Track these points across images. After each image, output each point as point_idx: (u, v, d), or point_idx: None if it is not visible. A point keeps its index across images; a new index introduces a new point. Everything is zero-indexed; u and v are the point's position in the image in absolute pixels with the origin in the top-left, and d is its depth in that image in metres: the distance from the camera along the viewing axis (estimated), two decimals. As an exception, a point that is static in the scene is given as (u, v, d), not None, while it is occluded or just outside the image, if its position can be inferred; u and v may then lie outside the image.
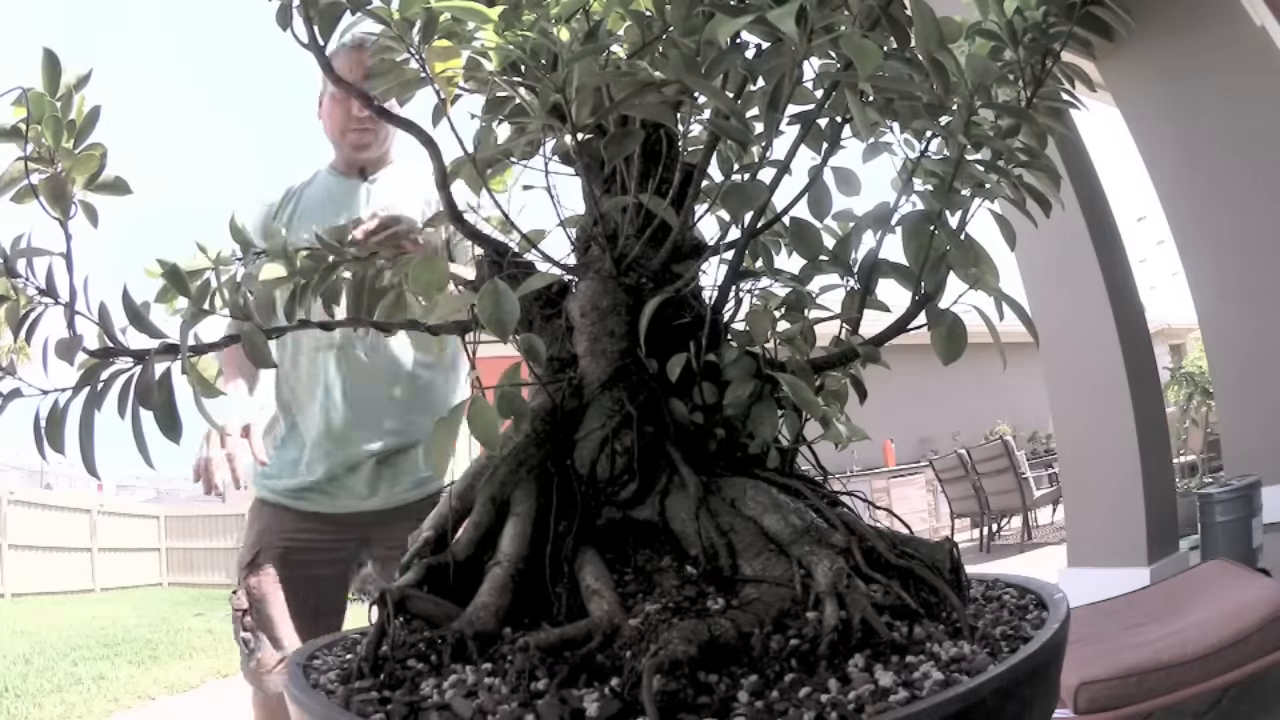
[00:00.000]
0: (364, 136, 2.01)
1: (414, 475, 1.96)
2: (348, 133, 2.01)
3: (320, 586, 1.95)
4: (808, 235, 0.82)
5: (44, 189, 0.76)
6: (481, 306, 0.64)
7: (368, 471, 1.93)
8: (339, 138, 2.03)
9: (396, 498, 1.94)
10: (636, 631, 0.56)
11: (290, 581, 1.93)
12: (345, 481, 1.94)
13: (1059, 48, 0.82)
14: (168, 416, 0.73)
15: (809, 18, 0.59)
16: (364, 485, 1.94)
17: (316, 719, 0.52)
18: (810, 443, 0.79)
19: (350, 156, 2.06)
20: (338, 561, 1.97)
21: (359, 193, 2.03)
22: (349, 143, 2.02)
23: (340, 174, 2.08)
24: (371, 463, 1.93)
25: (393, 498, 1.94)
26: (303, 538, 1.95)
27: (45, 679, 5.72)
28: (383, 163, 2.08)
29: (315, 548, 1.96)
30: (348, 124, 2.00)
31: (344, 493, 1.94)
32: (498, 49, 0.67)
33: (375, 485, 1.94)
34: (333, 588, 1.98)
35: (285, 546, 1.94)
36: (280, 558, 1.93)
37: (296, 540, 1.95)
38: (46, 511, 12.68)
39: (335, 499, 1.95)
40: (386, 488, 1.94)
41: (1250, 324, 5.05)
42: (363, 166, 2.06)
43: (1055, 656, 0.55)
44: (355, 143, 2.02)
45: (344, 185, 2.05)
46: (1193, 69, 5.05)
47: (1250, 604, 2.21)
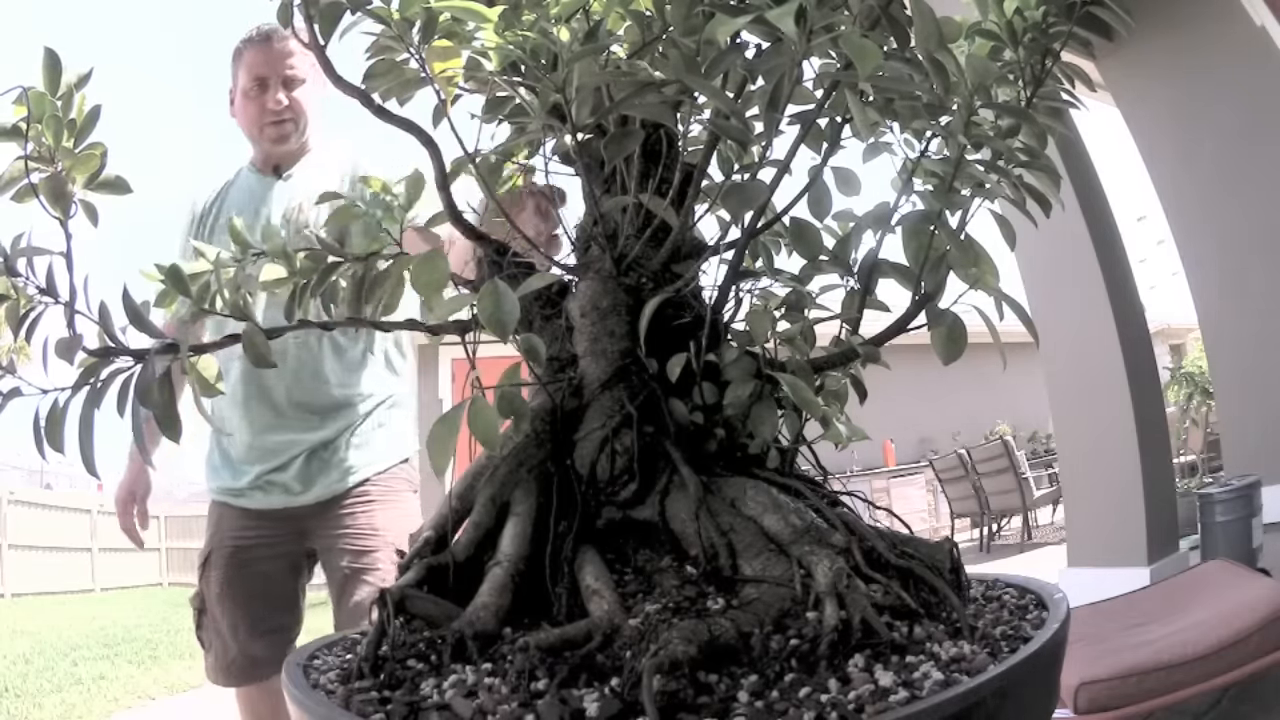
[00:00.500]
0: (281, 129, 2.00)
1: (341, 466, 1.98)
2: (264, 128, 1.99)
3: (269, 583, 1.98)
4: (808, 235, 0.82)
5: (44, 188, 0.76)
6: (481, 306, 0.64)
7: (297, 468, 1.96)
8: (256, 134, 2.02)
9: (329, 489, 1.97)
10: (636, 631, 0.56)
11: (240, 579, 1.97)
12: (277, 479, 1.97)
13: (1059, 48, 0.82)
14: (168, 416, 0.73)
15: (809, 17, 0.59)
16: (296, 481, 1.96)
17: (316, 719, 0.52)
18: (810, 443, 0.78)
19: (269, 151, 2.04)
20: (281, 556, 2.00)
21: (273, 191, 2.03)
22: (267, 138, 2.00)
23: (258, 171, 2.08)
24: (300, 459, 1.96)
25: (326, 489, 1.96)
26: (248, 535, 1.99)
27: (45, 679, 5.71)
28: (300, 154, 2.06)
29: (259, 544, 1.98)
30: (263, 119, 1.99)
31: (277, 490, 1.97)
32: (498, 49, 0.67)
33: (307, 480, 1.97)
34: (281, 582, 2.00)
35: (233, 545, 1.98)
36: (229, 556, 1.98)
37: (242, 538, 1.99)
38: (46, 511, 12.68)
39: (270, 496, 1.98)
40: (319, 481, 1.97)
41: (1250, 324, 5.05)
42: (278, 163, 2.05)
43: (1055, 656, 0.55)
44: (273, 137, 2.00)
45: (261, 183, 2.05)
46: (1193, 68, 5.05)
47: (1250, 604, 2.21)
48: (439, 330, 0.85)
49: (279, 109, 1.98)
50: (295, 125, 2.01)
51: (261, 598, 1.97)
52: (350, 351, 2.01)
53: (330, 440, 1.98)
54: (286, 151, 2.04)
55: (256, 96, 1.99)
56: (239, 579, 1.97)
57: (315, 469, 1.97)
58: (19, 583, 11.27)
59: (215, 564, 1.99)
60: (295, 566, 2.03)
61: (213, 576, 1.99)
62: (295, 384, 1.96)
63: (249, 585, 1.97)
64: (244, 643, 1.96)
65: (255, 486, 1.99)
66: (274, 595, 1.99)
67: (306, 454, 1.97)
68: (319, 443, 1.97)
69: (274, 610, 1.99)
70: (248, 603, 1.96)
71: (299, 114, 2.01)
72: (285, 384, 1.96)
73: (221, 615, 1.97)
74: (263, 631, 1.97)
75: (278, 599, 2.00)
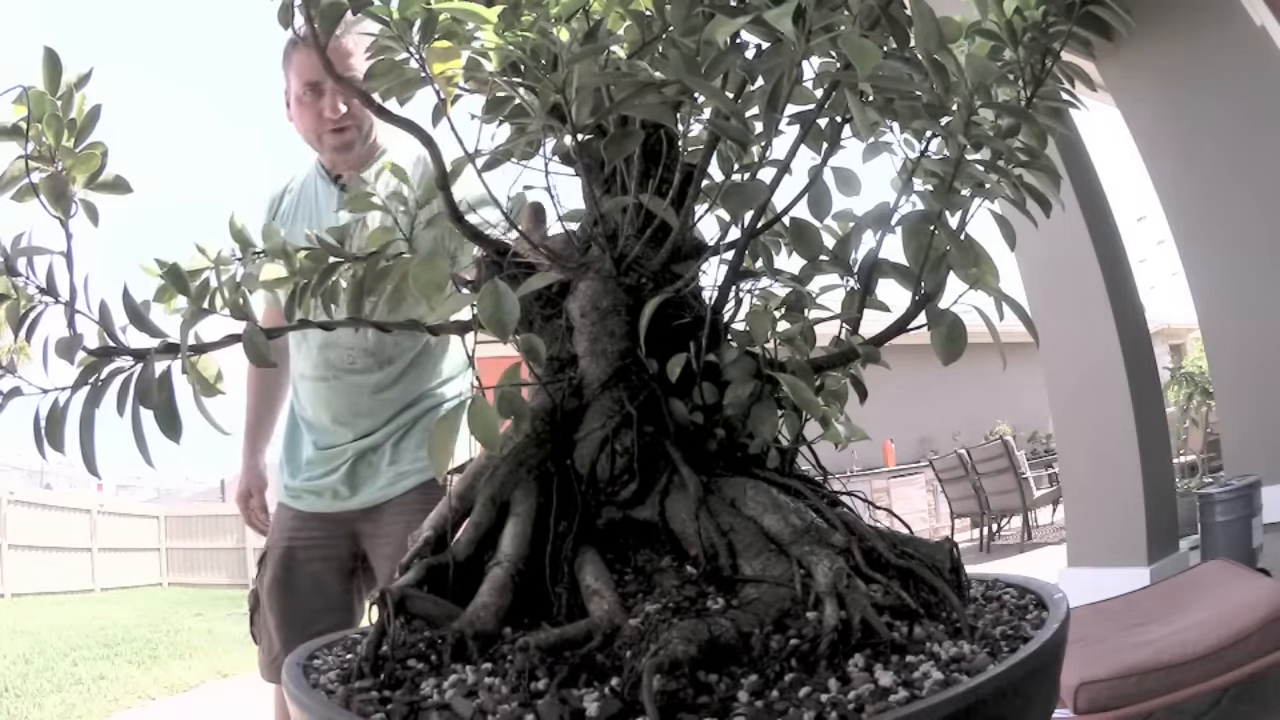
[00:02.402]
0: (343, 137, 1.88)
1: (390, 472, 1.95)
2: (323, 135, 1.89)
3: (317, 584, 1.97)
4: (808, 235, 0.82)
5: (44, 187, 0.76)
6: (481, 307, 0.64)
7: (344, 471, 1.95)
8: (316, 142, 1.93)
9: (376, 495, 1.95)
10: (636, 631, 0.56)
11: (292, 581, 1.96)
12: (326, 482, 1.97)
13: (1059, 47, 0.82)
14: (167, 416, 0.73)
15: (807, 17, 0.59)
16: (343, 485, 1.95)
17: (317, 719, 0.52)
18: (810, 443, 0.78)
19: (334, 158, 1.95)
20: (332, 559, 1.99)
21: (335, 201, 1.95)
22: (327, 145, 1.91)
23: (325, 175, 2.00)
24: (348, 463, 1.95)
25: (372, 495, 1.95)
26: (301, 536, 1.99)
27: (45, 679, 5.71)
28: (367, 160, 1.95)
29: (311, 545, 1.98)
30: (320, 126, 1.88)
31: (328, 492, 1.97)
32: (497, 49, 0.67)
33: (354, 484, 1.95)
34: (330, 584, 1.99)
35: (285, 545, 1.98)
36: (282, 557, 1.97)
37: (295, 539, 1.99)
38: (46, 511, 12.68)
39: (322, 498, 1.98)
40: (366, 487, 1.95)
41: (1250, 324, 5.06)
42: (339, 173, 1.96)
43: (1055, 656, 0.55)
44: (334, 145, 1.90)
45: (326, 193, 1.98)
46: (1193, 69, 5.05)
47: (1250, 604, 2.21)
48: (439, 330, 0.85)
49: (336, 116, 1.84)
50: (358, 130, 1.88)
51: (310, 599, 1.97)
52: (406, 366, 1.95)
53: (378, 446, 1.95)
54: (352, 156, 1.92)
55: (312, 103, 1.84)
56: (289, 579, 1.97)
57: (363, 474, 1.95)
58: (19, 583, 11.27)
59: (269, 562, 2.00)
60: (346, 570, 2.01)
61: (266, 575, 2.00)
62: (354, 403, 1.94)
63: (298, 585, 1.97)
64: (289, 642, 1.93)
65: (306, 489, 1.99)
66: (323, 597, 1.98)
67: (354, 458, 1.95)
68: (366, 448, 1.95)
69: (323, 612, 1.96)
70: (296, 602, 1.96)
71: (361, 119, 1.87)
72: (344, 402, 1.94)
73: (271, 614, 1.98)
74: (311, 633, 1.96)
75: (327, 601, 1.98)
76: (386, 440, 1.95)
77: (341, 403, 1.95)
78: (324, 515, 1.98)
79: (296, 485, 2.01)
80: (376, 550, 1.97)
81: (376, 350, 1.90)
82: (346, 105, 1.83)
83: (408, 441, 1.96)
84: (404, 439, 1.96)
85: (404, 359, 1.93)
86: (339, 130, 1.86)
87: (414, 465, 1.94)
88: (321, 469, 1.98)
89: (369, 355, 1.90)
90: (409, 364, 1.95)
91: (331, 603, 1.99)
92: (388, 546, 1.92)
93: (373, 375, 1.92)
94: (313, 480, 1.99)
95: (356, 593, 2.04)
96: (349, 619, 2.02)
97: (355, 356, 1.90)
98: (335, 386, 1.94)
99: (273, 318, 1.87)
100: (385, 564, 1.92)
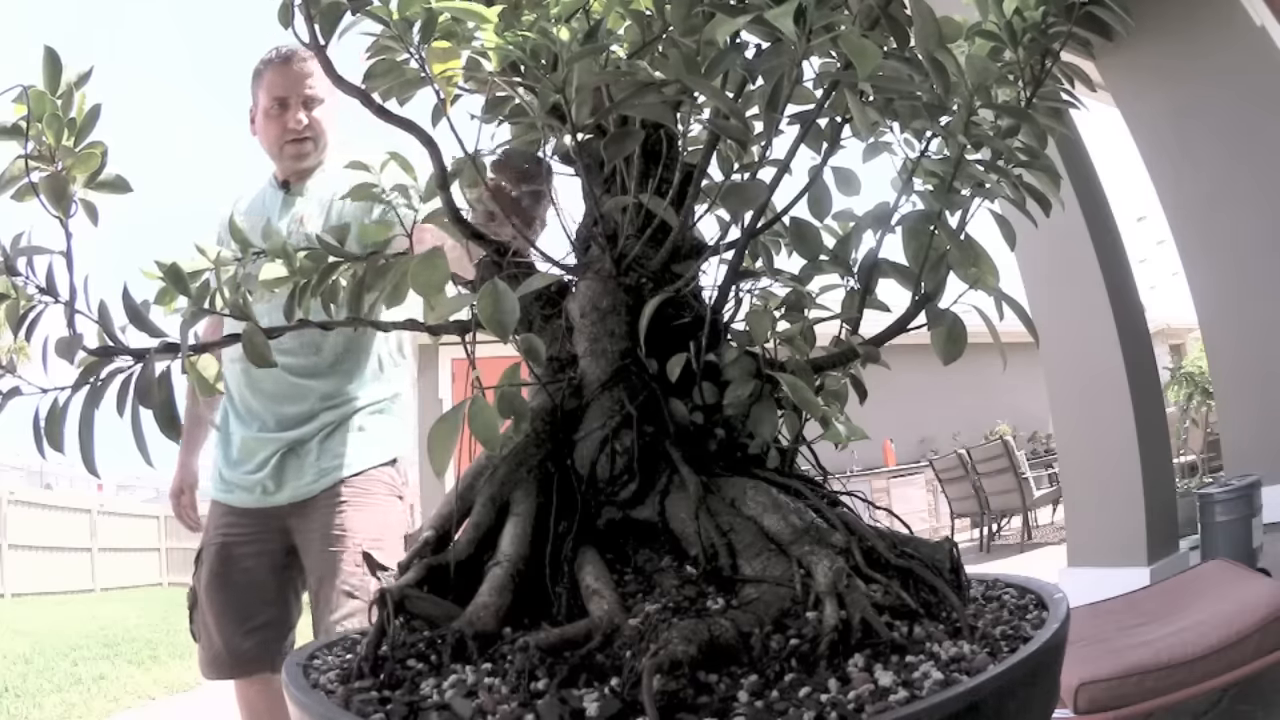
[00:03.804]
0: (301, 147, 2.08)
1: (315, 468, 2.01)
2: (284, 146, 2.07)
3: (251, 579, 2.02)
4: (808, 235, 0.82)
5: (44, 187, 0.76)
6: (481, 307, 0.64)
7: (271, 467, 2.00)
8: (277, 152, 2.10)
9: (302, 490, 2.00)
10: (636, 631, 0.56)
11: (225, 575, 2.02)
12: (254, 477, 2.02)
13: (1058, 48, 0.82)
14: (167, 415, 0.73)
15: (808, 17, 0.59)
16: (270, 480, 2.01)
17: (316, 719, 0.52)
18: (810, 443, 0.78)
19: (290, 167, 2.12)
20: (265, 554, 2.03)
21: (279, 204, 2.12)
22: (287, 155, 2.09)
23: (275, 183, 2.16)
24: (275, 459, 2.00)
25: (298, 490, 2.00)
26: (235, 532, 2.04)
27: (45, 679, 5.71)
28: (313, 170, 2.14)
29: (244, 541, 2.03)
30: (283, 137, 2.07)
31: (258, 488, 2.02)
32: (497, 49, 0.67)
33: (280, 480, 2.01)
34: (264, 579, 2.03)
35: (220, 541, 2.04)
36: (217, 553, 2.03)
37: (230, 535, 2.04)
38: (46, 511, 12.67)
39: (252, 494, 2.03)
40: (291, 482, 2.01)
41: (1250, 324, 5.06)
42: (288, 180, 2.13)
43: (1055, 656, 0.55)
44: (293, 154, 2.08)
45: (273, 195, 2.14)
46: (1192, 69, 5.05)
47: (1250, 604, 2.21)
48: (439, 330, 0.85)
49: (299, 128, 2.06)
50: (315, 144, 2.09)
51: (245, 594, 2.02)
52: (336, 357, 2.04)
53: (305, 441, 2.02)
54: (304, 168, 2.12)
55: (277, 116, 2.07)
56: (224, 574, 2.02)
57: (290, 469, 2.01)
58: (19, 583, 11.27)
59: (205, 559, 2.05)
60: (279, 565, 2.06)
61: (203, 571, 2.05)
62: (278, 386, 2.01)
63: (233, 580, 2.01)
64: (228, 637, 2.00)
65: (238, 484, 2.04)
66: (258, 592, 2.03)
67: (281, 454, 2.01)
68: (294, 441, 2.01)
69: (259, 607, 2.02)
70: (232, 598, 2.01)
71: (318, 133, 2.10)
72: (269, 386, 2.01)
73: (208, 610, 2.02)
74: (249, 629, 2.02)
75: (262, 596, 2.03)
76: (314, 437, 2.02)
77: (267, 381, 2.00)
78: (255, 510, 2.03)
79: (229, 479, 2.06)
80: (306, 545, 2.01)
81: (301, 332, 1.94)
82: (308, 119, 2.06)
83: (332, 439, 2.02)
84: (330, 437, 2.02)
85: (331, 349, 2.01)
86: (299, 141, 2.07)
87: (336, 461, 2.01)
88: (250, 464, 2.03)
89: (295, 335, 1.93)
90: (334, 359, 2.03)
91: (266, 597, 2.03)
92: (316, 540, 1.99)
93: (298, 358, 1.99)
94: (243, 475, 2.04)
95: (291, 586, 2.09)
96: (285, 614, 2.07)
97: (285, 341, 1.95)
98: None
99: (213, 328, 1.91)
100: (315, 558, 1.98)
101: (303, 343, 1.97)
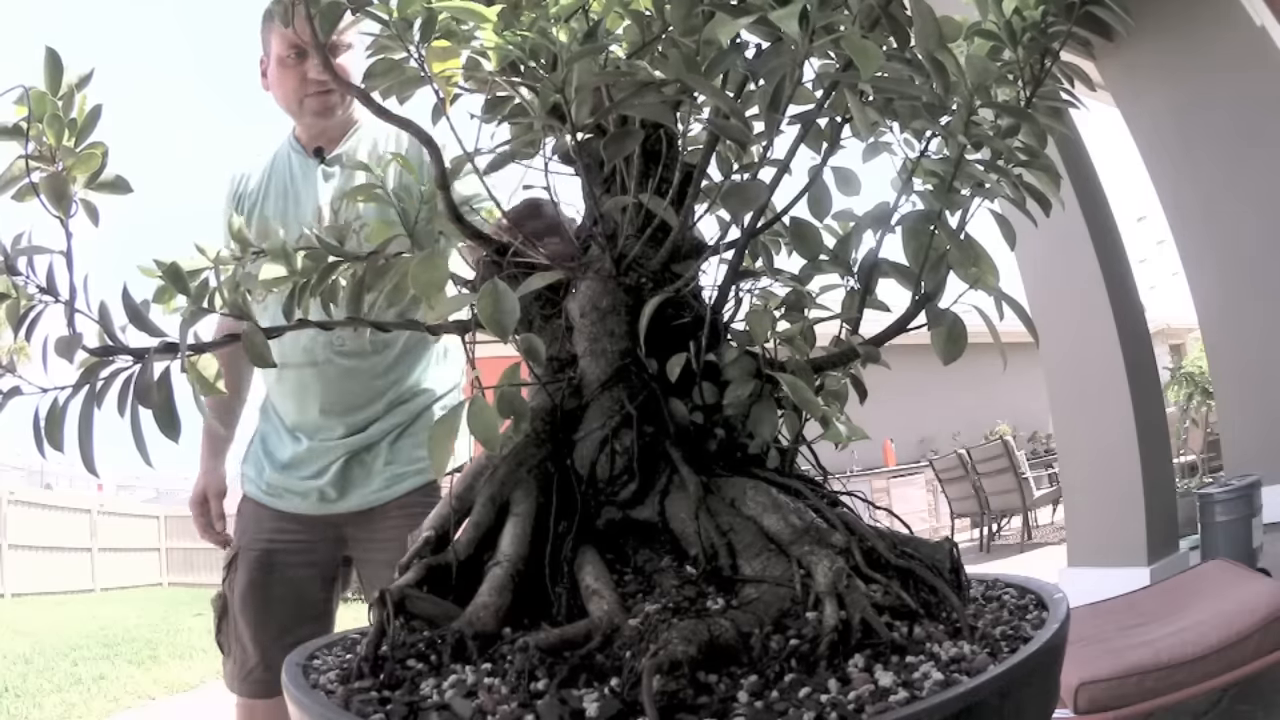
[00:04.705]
0: (326, 100, 1.79)
1: (385, 474, 1.83)
2: (305, 100, 1.79)
3: (298, 591, 1.85)
4: (808, 235, 0.82)
5: (45, 187, 0.76)
6: (481, 307, 0.64)
7: (334, 473, 1.82)
8: (296, 108, 1.82)
9: (370, 497, 1.83)
10: (636, 631, 0.56)
11: (267, 585, 1.83)
12: (313, 484, 1.84)
13: (1058, 47, 0.82)
14: (167, 415, 0.73)
15: (810, 18, 0.59)
16: (332, 488, 1.83)
17: (316, 719, 0.52)
18: (810, 443, 0.78)
19: (311, 125, 1.85)
20: (315, 564, 1.87)
21: (315, 178, 1.83)
22: (309, 111, 1.80)
23: (301, 149, 1.88)
24: (339, 464, 1.82)
25: (365, 499, 1.83)
26: (282, 539, 1.85)
27: (45, 679, 5.71)
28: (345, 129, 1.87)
29: (292, 549, 1.85)
30: (303, 90, 1.77)
31: (315, 494, 1.84)
32: (497, 49, 0.67)
33: (344, 487, 1.83)
34: (312, 592, 1.87)
35: (262, 547, 1.85)
36: (258, 560, 1.84)
37: (275, 541, 1.85)
38: (46, 511, 12.68)
39: (307, 499, 1.84)
40: (358, 489, 1.83)
41: (1250, 324, 5.06)
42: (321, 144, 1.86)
43: (1055, 656, 0.55)
44: (316, 109, 1.80)
45: (303, 166, 1.86)
46: (1192, 68, 5.05)
47: (1250, 604, 2.21)
48: (439, 330, 0.85)
49: (320, 78, 1.75)
50: (341, 95, 1.79)
51: (288, 606, 1.83)
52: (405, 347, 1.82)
53: (373, 444, 1.82)
54: (330, 125, 1.84)
55: (295, 65, 1.75)
56: (266, 584, 1.82)
57: (355, 476, 1.82)
58: (19, 583, 11.27)
59: (242, 565, 1.84)
60: (328, 577, 1.88)
61: (238, 579, 1.84)
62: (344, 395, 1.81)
63: (276, 592, 1.82)
64: (265, 650, 1.80)
65: (289, 489, 1.85)
66: (303, 605, 1.84)
67: (345, 459, 1.81)
68: (360, 446, 1.81)
69: (301, 621, 1.83)
70: (273, 611, 1.82)
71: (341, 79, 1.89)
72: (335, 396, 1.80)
73: (244, 622, 1.82)
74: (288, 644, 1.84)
75: (306, 609, 1.85)
76: (382, 438, 1.82)
77: (331, 391, 1.80)
78: (307, 517, 1.84)
79: (277, 484, 1.86)
80: (367, 556, 1.85)
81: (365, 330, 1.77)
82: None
83: (404, 440, 1.84)
84: (400, 437, 1.84)
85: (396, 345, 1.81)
86: (323, 94, 1.78)
87: (411, 466, 1.83)
88: (309, 469, 1.84)
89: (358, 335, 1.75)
90: (402, 350, 1.83)
91: (311, 611, 1.86)
92: (383, 552, 1.78)
93: (366, 360, 1.79)
94: (299, 480, 1.84)
95: (336, 600, 1.92)
96: (327, 629, 1.87)
97: (344, 337, 1.75)
98: (325, 371, 1.79)
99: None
100: (380, 570, 1.79)
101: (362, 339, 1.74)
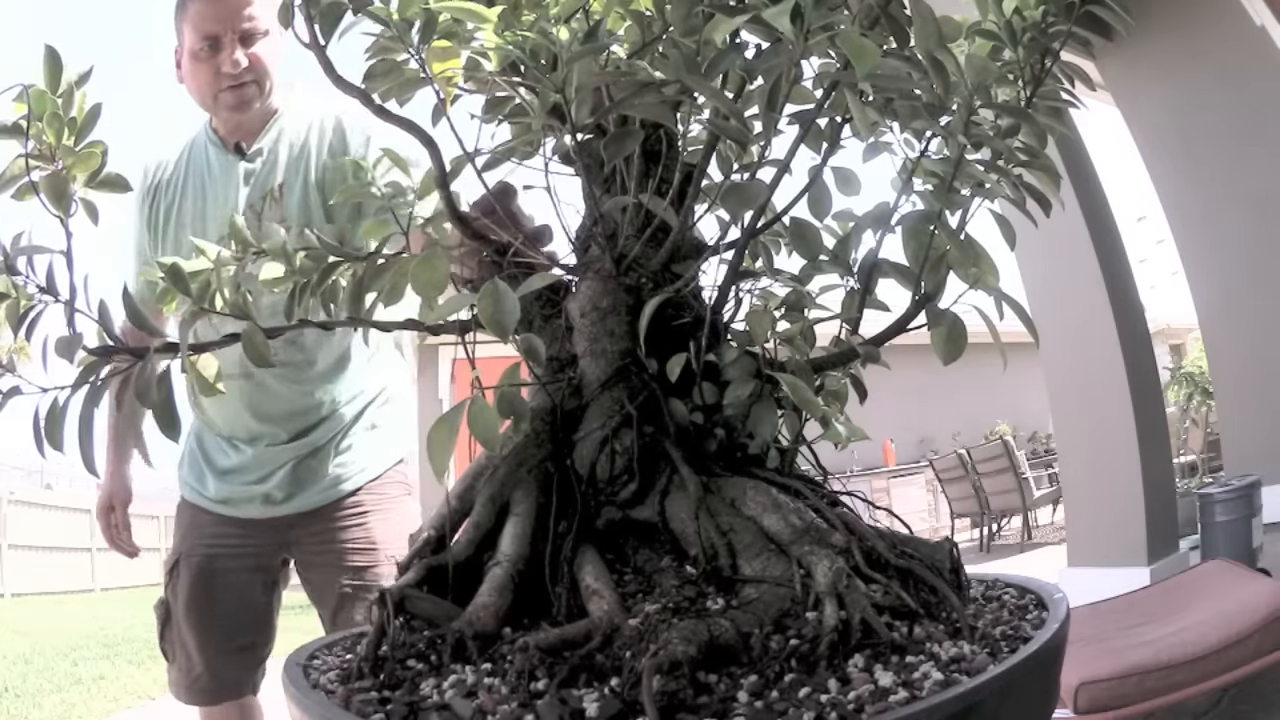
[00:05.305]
0: (241, 93, 1.68)
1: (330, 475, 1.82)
2: (220, 94, 1.68)
3: (241, 596, 1.82)
4: (808, 235, 0.82)
5: (45, 186, 0.76)
6: (481, 307, 0.64)
7: (281, 477, 1.79)
8: (210, 102, 1.72)
9: (315, 499, 1.81)
10: (636, 631, 0.56)
11: (210, 591, 1.80)
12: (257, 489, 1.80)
13: (1058, 47, 0.82)
14: (167, 415, 0.73)
15: (806, 17, 0.59)
16: (278, 490, 1.80)
17: (316, 719, 0.52)
18: (810, 443, 0.78)
19: (230, 120, 1.74)
20: (258, 569, 1.84)
21: (236, 174, 1.75)
22: (224, 105, 1.70)
23: (219, 143, 1.78)
24: (286, 469, 1.80)
25: (311, 500, 1.80)
26: (223, 544, 1.82)
27: (45, 679, 5.71)
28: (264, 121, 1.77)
29: (234, 554, 1.82)
30: (217, 84, 1.67)
31: (259, 498, 1.81)
32: (497, 49, 0.66)
33: (291, 490, 1.80)
34: (255, 597, 1.84)
35: (204, 553, 1.82)
36: (200, 566, 1.81)
37: (215, 547, 1.82)
38: (46, 511, 12.69)
39: (252, 504, 1.81)
40: (305, 491, 1.80)
41: (1250, 324, 5.06)
42: (240, 138, 1.76)
43: (1055, 656, 0.55)
44: (231, 103, 1.69)
45: (223, 163, 1.77)
46: (1193, 68, 5.05)
47: (1250, 604, 2.21)
48: (439, 330, 0.85)
49: (237, 70, 1.65)
50: (258, 88, 1.69)
51: (232, 612, 1.80)
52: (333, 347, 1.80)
53: (319, 447, 1.80)
54: (247, 119, 1.75)
55: (208, 58, 1.65)
56: (209, 590, 1.79)
57: (302, 478, 1.80)
58: (19, 583, 11.27)
59: (184, 572, 1.81)
60: (270, 580, 1.87)
61: (180, 586, 1.81)
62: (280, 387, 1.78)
63: (220, 597, 1.79)
64: (210, 659, 1.79)
65: (231, 496, 1.82)
66: (246, 610, 1.82)
67: (293, 462, 1.79)
68: (307, 449, 1.79)
69: (245, 627, 1.82)
70: (217, 617, 1.79)
71: (262, 74, 1.68)
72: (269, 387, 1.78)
73: (188, 629, 1.80)
74: (232, 650, 1.81)
75: (250, 615, 1.83)
76: (328, 441, 1.81)
77: (268, 400, 1.77)
78: (250, 521, 1.81)
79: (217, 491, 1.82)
80: (309, 557, 1.82)
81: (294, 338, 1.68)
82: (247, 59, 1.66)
83: (345, 442, 1.82)
84: (343, 439, 1.82)
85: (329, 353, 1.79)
86: (238, 87, 1.68)
87: (351, 467, 1.82)
88: (252, 475, 1.80)
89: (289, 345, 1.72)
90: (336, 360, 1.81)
91: (254, 616, 1.83)
92: (327, 553, 1.78)
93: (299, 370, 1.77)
94: (243, 486, 1.80)
95: (278, 603, 1.90)
96: (269, 634, 1.87)
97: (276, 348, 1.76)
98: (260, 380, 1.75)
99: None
100: (323, 570, 1.78)
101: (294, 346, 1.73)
